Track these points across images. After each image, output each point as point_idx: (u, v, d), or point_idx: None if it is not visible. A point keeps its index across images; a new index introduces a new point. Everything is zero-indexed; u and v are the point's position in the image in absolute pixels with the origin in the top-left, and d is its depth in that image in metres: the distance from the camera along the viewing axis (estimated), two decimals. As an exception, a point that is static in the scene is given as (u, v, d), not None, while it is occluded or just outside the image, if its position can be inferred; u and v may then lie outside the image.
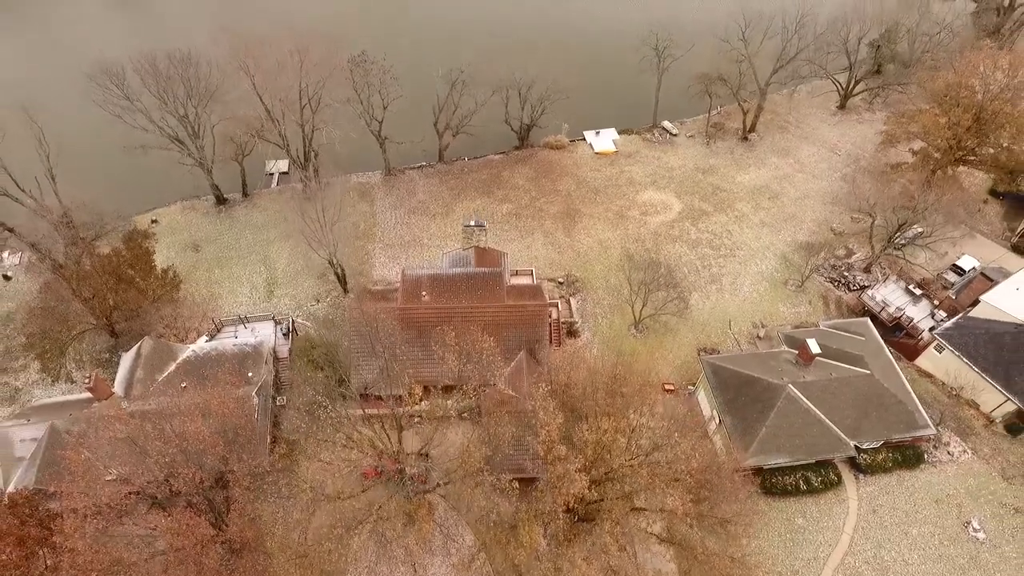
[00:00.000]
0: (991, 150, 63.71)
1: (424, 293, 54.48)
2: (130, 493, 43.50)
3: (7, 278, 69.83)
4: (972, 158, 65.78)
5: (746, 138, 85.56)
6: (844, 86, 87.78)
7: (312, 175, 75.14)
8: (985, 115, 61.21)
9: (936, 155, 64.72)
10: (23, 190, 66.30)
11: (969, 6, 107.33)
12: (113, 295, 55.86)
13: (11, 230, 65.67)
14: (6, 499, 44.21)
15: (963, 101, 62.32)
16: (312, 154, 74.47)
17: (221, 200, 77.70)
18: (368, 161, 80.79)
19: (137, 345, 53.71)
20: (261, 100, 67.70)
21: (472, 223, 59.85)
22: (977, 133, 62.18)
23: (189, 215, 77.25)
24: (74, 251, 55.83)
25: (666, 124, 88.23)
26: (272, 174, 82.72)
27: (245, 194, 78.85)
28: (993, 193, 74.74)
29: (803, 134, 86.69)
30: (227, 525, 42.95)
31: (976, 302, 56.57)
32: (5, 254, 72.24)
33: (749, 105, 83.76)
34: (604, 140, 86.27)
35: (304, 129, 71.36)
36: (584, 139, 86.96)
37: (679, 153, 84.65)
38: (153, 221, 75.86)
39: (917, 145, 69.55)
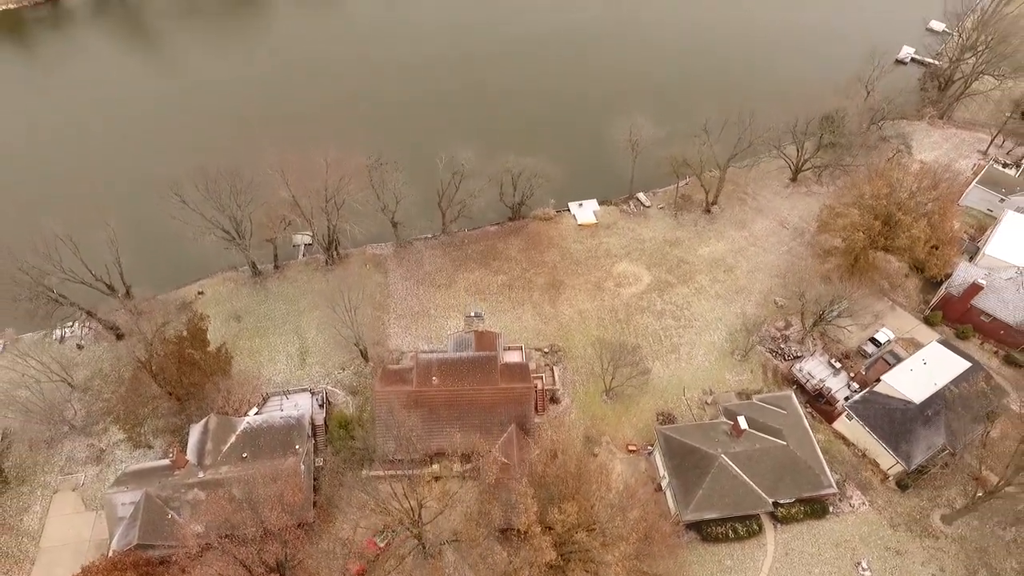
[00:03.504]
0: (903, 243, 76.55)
1: (434, 377, 67.79)
2: (207, 544, 56.98)
3: (80, 347, 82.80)
4: (888, 248, 78.73)
5: (709, 211, 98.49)
6: (794, 163, 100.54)
7: (335, 255, 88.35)
8: (892, 221, 74.29)
9: (858, 245, 77.57)
10: (96, 276, 79.39)
11: (913, 82, 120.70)
12: (182, 376, 68.99)
13: (90, 313, 78.71)
14: (111, 554, 57.99)
15: (876, 208, 75.34)
16: (335, 240, 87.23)
17: (256, 272, 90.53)
18: (381, 235, 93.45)
19: (204, 420, 67.06)
20: (294, 200, 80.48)
21: (472, 314, 73.30)
22: (887, 235, 75.28)
23: (229, 286, 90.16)
24: (153, 347, 68.55)
25: (640, 196, 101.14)
26: (298, 246, 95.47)
27: (276, 266, 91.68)
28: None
29: (759, 206, 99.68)
30: (286, 571, 56.65)
31: (878, 380, 70.04)
32: (75, 325, 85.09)
33: (711, 183, 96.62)
34: (586, 212, 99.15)
35: (328, 220, 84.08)
36: (569, 210, 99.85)
37: (651, 225, 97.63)
38: (199, 293, 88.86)
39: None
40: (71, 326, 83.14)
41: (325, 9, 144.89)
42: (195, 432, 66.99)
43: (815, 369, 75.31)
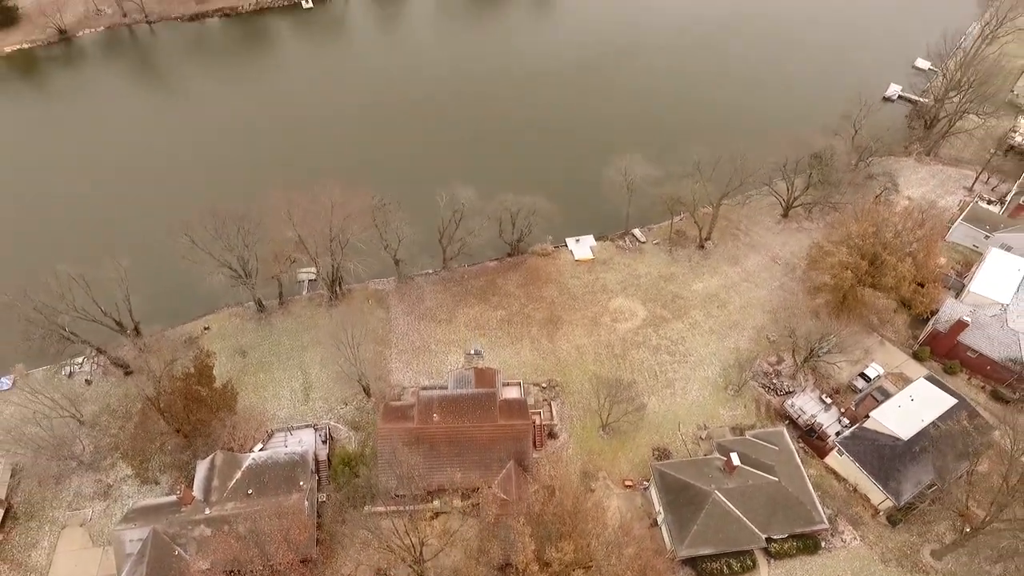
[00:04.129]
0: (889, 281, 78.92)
1: (435, 414, 69.66)
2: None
3: (89, 383, 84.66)
4: (875, 286, 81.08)
5: (703, 246, 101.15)
6: (785, 200, 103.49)
7: (338, 291, 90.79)
8: (878, 260, 76.85)
9: (846, 283, 79.92)
10: (105, 313, 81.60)
11: (900, 119, 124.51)
12: (189, 413, 70.81)
13: (100, 350, 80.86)
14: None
15: (863, 248, 77.95)
16: (339, 278, 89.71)
17: (261, 307, 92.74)
18: (384, 271, 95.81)
19: (211, 457, 68.70)
20: (300, 239, 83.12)
21: (472, 351, 75.43)
22: (873, 274, 77.77)
23: (235, 321, 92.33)
24: (161, 384, 70.52)
25: (636, 232, 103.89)
26: (302, 281, 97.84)
27: (281, 302, 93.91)
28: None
29: (751, 242, 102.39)
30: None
31: (867, 416, 71.91)
32: (84, 360, 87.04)
33: (704, 220, 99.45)
34: (583, 248, 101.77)
35: (333, 258, 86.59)
36: (566, 245, 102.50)
37: (646, 260, 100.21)
38: (205, 328, 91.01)
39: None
40: (80, 362, 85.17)
41: (331, 48, 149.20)
42: (201, 468, 68.56)
43: (807, 405, 77.19)
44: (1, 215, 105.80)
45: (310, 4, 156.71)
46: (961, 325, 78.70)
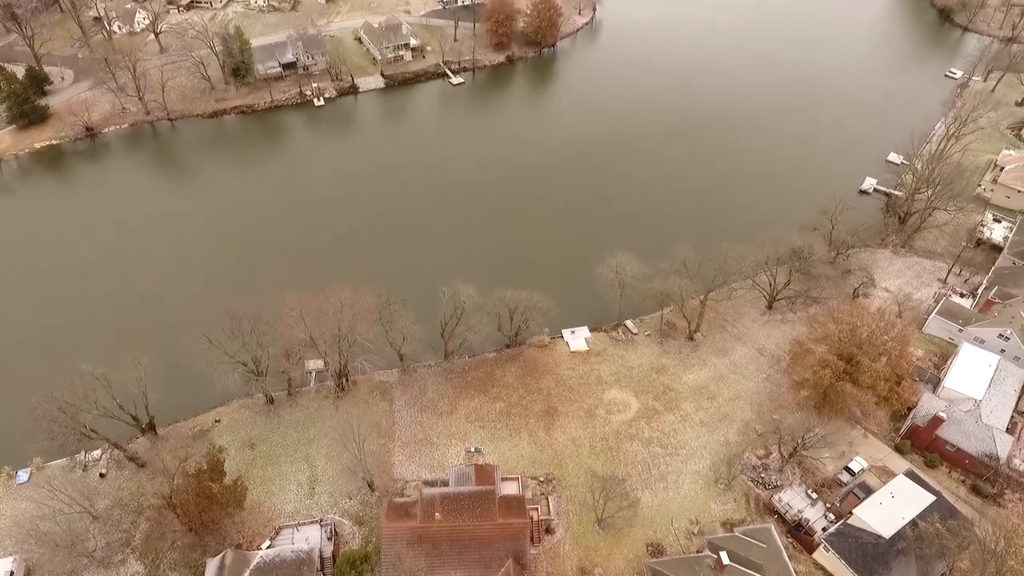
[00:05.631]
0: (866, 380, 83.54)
1: (437, 512, 72.74)
2: None
3: (103, 476, 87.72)
4: (854, 382, 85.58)
5: (692, 338, 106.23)
6: (769, 292, 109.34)
7: (345, 383, 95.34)
8: (854, 360, 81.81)
9: (824, 381, 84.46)
10: (122, 408, 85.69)
11: (877, 211, 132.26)
12: (201, 512, 73.87)
13: (117, 445, 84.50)
14: None
15: (840, 348, 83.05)
16: (346, 372, 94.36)
17: (270, 400, 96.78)
18: (388, 361, 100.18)
19: (221, 556, 71.39)
20: (311, 339, 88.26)
21: (473, 449, 79.17)
22: (850, 372, 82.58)
23: (245, 413, 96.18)
24: (175, 482, 74.01)
25: (628, 323, 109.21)
26: (310, 372, 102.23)
27: (289, 393, 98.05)
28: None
29: (738, 333, 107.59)
30: None
31: (851, 513, 75.03)
32: (96, 452, 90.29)
33: (692, 314, 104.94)
34: (578, 339, 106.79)
35: (341, 355, 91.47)
36: (562, 336, 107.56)
37: (638, 351, 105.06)
38: (216, 421, 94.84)
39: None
40: (96, 456, 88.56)
41: (340, 143, 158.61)
42: (211, 567, 71.15)
43: (793, 500, 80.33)
44: (29, 308, 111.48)
45: (322, 101, 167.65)
46: (937, 421, 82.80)
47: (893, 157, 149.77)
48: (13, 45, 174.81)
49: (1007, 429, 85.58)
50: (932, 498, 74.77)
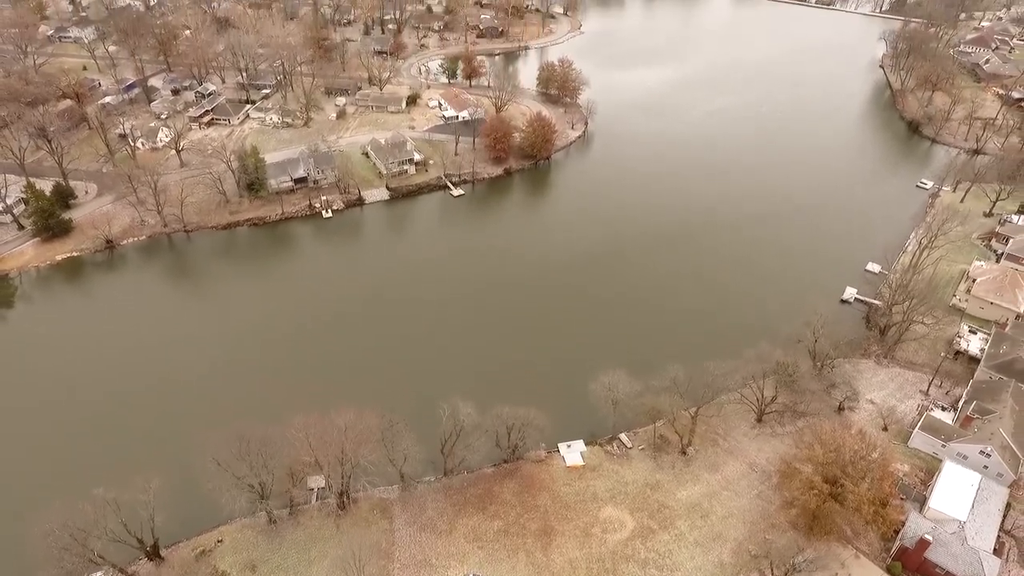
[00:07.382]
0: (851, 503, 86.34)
1: (435, 644, 73.85)
2: None
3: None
4: (840, 503, 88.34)
5: (684, 452, 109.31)
6: (757, 406, 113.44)
7: (346, 501, 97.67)
8: (838, 483, 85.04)
9: (812, 504, 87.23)
10: (129, 532, 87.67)
11: (858, 320, 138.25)
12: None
13: (122, 570, 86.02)
14: None
15: (824, 471, 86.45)
16: (347, 491, 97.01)
17: (272, 520, 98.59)
18: (389, 478, 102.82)
19: None
20: (316, 461, 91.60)
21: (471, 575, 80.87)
22: (836, 494, 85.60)
23: (247, 533, 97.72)
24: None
25: (622, 436, 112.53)
26: (312, 489, 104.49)
27: (291, 512, 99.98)
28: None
29: (729, 447, 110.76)
30: None
31: (844, 642, 76.08)
32: (100, 573, 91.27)
33: (684, 429, 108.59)
34: (574, 453, 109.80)
35: (343, 476, 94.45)
36: (559, 450, 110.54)
37: (633, 466, 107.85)
38: (219, 541, 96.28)
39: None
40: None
41: (345, 254, 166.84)
42: None
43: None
44: (41, 426, 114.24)
45: (329, 213, 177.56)
46: (924, 544, 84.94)
47: (872, 267, 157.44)
48: (43, 160, 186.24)
49: (994, 550, 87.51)
50: (923, 627, 75.97)
